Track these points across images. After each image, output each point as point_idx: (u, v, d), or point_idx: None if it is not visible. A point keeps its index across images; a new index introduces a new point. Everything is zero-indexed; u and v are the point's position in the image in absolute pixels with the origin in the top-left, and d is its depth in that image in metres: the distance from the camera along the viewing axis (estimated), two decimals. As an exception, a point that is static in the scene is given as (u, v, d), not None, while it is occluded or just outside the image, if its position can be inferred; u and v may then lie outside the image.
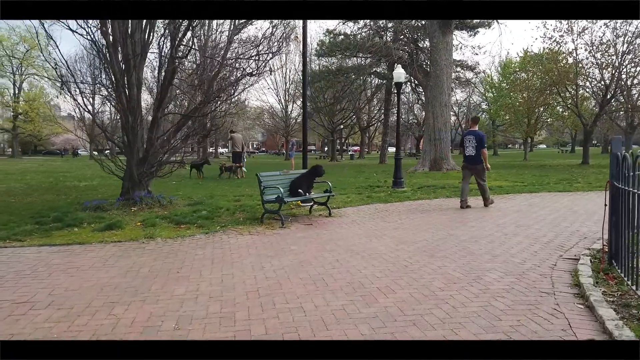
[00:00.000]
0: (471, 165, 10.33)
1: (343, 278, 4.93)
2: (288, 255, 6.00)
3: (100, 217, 8.54)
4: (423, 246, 6.47)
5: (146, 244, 6.68)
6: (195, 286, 4.68)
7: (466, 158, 10.40)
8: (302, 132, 10.88)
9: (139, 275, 5.06)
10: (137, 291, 4.52)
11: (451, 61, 23.90)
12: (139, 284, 4.75)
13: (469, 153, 10.27)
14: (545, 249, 6.29)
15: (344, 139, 65.69)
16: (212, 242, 6.79)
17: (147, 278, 4.96)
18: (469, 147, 10.26)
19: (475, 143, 10.14)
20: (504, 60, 48.14)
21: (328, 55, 34.53)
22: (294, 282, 4.79)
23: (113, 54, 9.28)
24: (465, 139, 10.39)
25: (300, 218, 9.01)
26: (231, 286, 4.67)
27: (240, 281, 4.84)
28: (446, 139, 23.68)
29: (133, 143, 9.71)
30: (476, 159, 10.18)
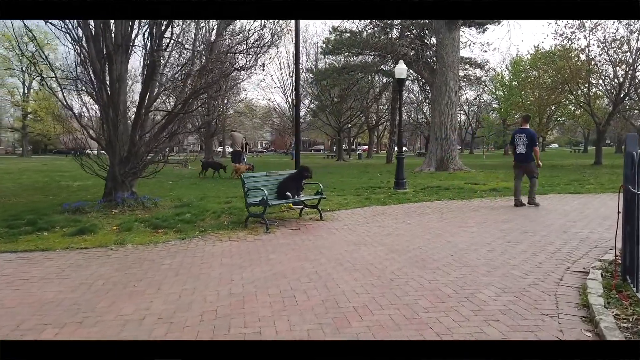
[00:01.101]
0: (522, 163, 10.27)
1: (317, 295, 4.35)
2: (264, 265, 5.43)
3: (76, 221, 8.03)
4: (415, 255, 5.86)
5: (114, 251, 6.14)
6: (147, 304, 4.12)
7: (517, 156, 10.35)
8: (295, 132, 10.30)
9: (91, 290, 4.51)
10: (80, 310, 3.97)
11: (458, 58, 23.18)
12: (85, 301, 4.20)
13: (520, 151, 10.22)
14: (551, 259, 5.65)
15: (352, 139, 65.02)
16: (185, 250, 6.23)
17: (97, 293, 4.42)
18: (520, 145, 10.21)
19: (526, 141, 10.11)
20: (514, 58, 47.13)
21: (334, 53, 33.92)
22: (260, 300, 4.21)
23: (93, 47, 8.78)
24: (516, 137, 10.34)
25: (288, 222, 8.44)
26: (187, 305, 4.11)
27: (199, 298, 4.27)
28: (453, 138, 22.96)
29: (115, 141, 9.20)
30: (527, 156, 10.16)
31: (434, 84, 22.95)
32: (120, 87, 9.07)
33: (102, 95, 9.03)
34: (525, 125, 10.43)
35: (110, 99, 8.91)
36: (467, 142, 76.21)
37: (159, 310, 3.96)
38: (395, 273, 5.06)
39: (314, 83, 40.04)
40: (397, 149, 14.57)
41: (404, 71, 14.00)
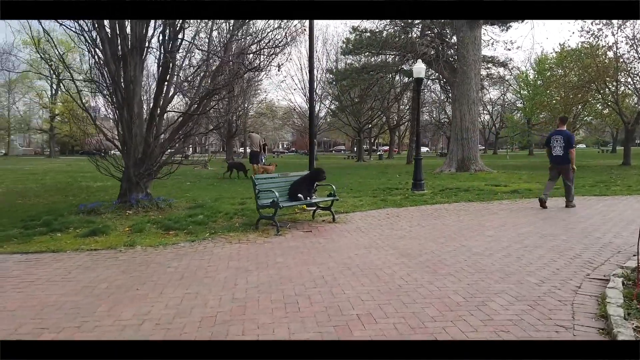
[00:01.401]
0: (558, 165, 10.21)
1: (321, 301, 4.22)
2: (270, 269, 5.32)
3: (90, 222, 8.07)
4: (427, 260, 5.68)
5: (122, 253, 6.12)
6: (147, 308, 4.06)
7: (553, 158, 10.30)
8: (309, 133, 10.18)
9: (93, 293, 4.48)
10: (79, 314, 3.93)
11: (479, 56, 22.73)
12: (86, 304, 4.16)
13: (557, 153, 10.17)
14: (570, 265, 5.40)
15: (373, 139, 64.68)
16: (194, 252, 6.18)
17: (99, 297, 4.37)
18: (556, 147, 10.17)
19: (563, 143, 10.07)
20: (538, 57, 46.10)
21: (354, 53, 33.69)
22: (263, 306, 4.10)
23: (108, 49, 8.83)
24: (553, 138, 10.29)
25: (300, 224, 8.33)
26: (188, 310, 4.03)
27: (201, 303, 4.19)
28: (474, 138, 22.50)
29: (129, 142, 9.24)
30: (564, 158, 10.08)
31: (454, 83, 22.55)
32: (134, 89, 9.09)
33: (117, 96, 9.07)
34: (562, 127, 10.35)
35: (124, 101, 8.94)
36: (491, 143, 74.96)
37: (159, 316, 3.88)
38: (404, 279, 4.89)
39: (334, 83, 39.90)
40: (415, 150, 14.33)
41: (422, 70, 13.77)
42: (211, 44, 9.99)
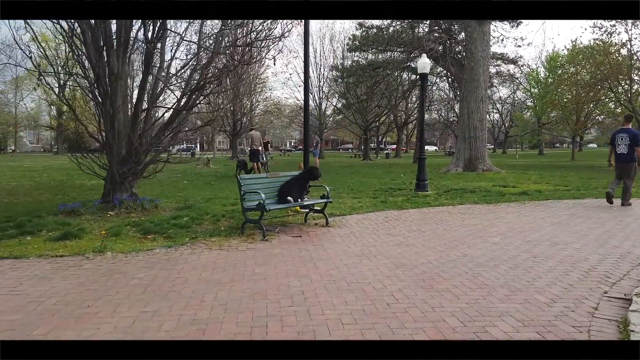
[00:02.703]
0: (622, 163, 10.21)
1: (295, 324, 3.64)
2: (246, 281, 4.75)
3: (65, 224, 7.54)
4: (423, 272, 5.08)
5: (89, 261, 5.58)
6: (92, 331, 3.50)
7: (618, 156, 10.31)
8: (304, 130, 9.61)
9: (37, 311, 3.92)
10: (12, 337, 3.38)
11: (488, 53, 21.98)
12: (24, 325, 3.60)
13: (621, 151, 10.20)
14: (585, 280, 4.78)
15: (380, 137, 63.92)
16: (167, 260, 5.62)
17: (42, 315, 3.82)
18: (621, 145, 10.20)
19: (628, 141, 10.08)
20: (550, 54, 45.06)
21: (360, 49, 32.98)
22: (225, 330, 3.53)
23: (90, 40, 8.30)
24: (617, 136, 10.33)
25: (291, 228, 7.74)
26: (138, 333, 3.46)
27: (155, 325, 3.62)
28: (482, 137, 21.77)
29: (112, 139, 8.70)
30: (628, 157, 10.10)
31: (462, 80, 21.83)
32: (117, 83, 8.55)
33: (99, 90, 8.55)
34: (628, 125, 10.39)
35: (106, 95, 8.41)
36: (501, 142, 73.88)
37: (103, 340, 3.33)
38: (395, 295, 4.29)
39: (340, 81, 39.25)
40: (419, 149, 13.69)
41: (427, 65, 13.12)
42: (201, 36, 9.40)
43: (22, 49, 8.30)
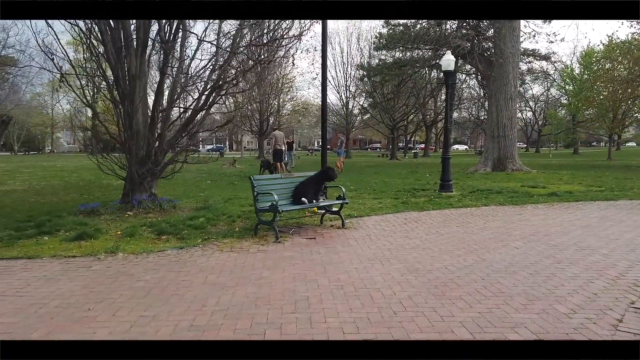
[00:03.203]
0: None
1: (294, 332, 3.49)
2: (251, 286, 4.63)
3: (83, 224, 7.61)
4: (436, 278, 4.86)
5: (99, 262, 5.57)
6: (87, 336, 3.43)
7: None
8: (322, 130, 9.46)
9: (38, 313, 3.90)
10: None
11: (518, 49, 21.29)
12: (21, 328, 3.58)
13: None
14: (611, 289, 4.47)
15: (408, 136, 63.16)
16: (176, 262, 5.56)
17: (42, 317, 3.79)
18: None
19: None
20: (585, 50, 43.51)
21: (386, 48, 32.60)
22: (221, 338, 3.41)
23: (109, 41, 8.36)
24: None
25: (306, 229, 7.60)
26: (133, 339, 3.38)
27: (152, 330, 3.53)
28: (512, 136, 21.11)
29: (131, 140, 8.75)
30: None
31: (490, 77, 21.24)
32: (136, 83, 8.59)
33: (118, 91, 8.61)
34: None
35: (125, 96, 8.45)
36: (534, 141, 71.98)
37: (94, 347, 3.26)
38: (403, 303, 4.10)
39: (366, 80, 38.92)
40: (443, 149, 13.36)
41: (452, 62, 12.77)
42: (219, 36, 9.37)
43: (44, 50, 8.40)
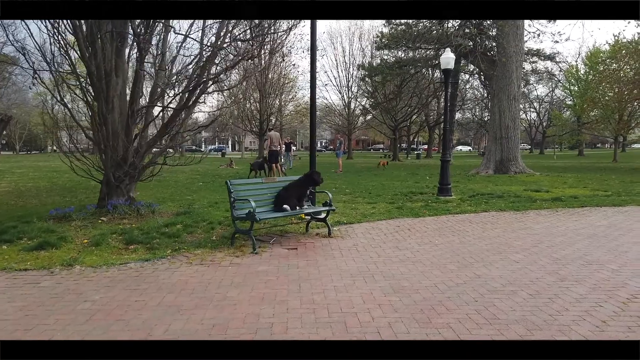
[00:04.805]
0: None
1: (245, 372, 2.94)
2: (211, 309, 4.06)
3: (50, 231, 7.06)
4: (424, 299, 4.28)
5: (51, 276, 5.02)
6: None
7: None
8: (310, 130, 8.91)
9: (-46, 343, 3.36)
10: None
11: (522, 48, 20.67)
12: None
13: None
14: (622, 314, 3.89)
15: (411, 137, 62.52)
16: (135, 278, 4.99)
17: (-45, 350, 3.25)
18: None
19: None
20: (590, 50, 42.77)
21: (388, 47, 32.01)
22: (156, 379, 2.87)
23: (80, 34, 7.82)
24: None
25: (289, 238, 7.03)
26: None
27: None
28: (515, 137, 20.48)
29: (107, 140, 8.22)
30: None
31: (493, 77, 20.65)
32: (111, 80, 8.05)
33: (94, 88, 8.08)
34: None
35: (99, 94, 7.92)
36: (538, 142, 71.14)
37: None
38: (381, 332, 3.53)
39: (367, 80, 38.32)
40: (442, 151, 12.78)
41: (451, 60, 12.18)
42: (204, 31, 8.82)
43: (16, 46, 7.89)
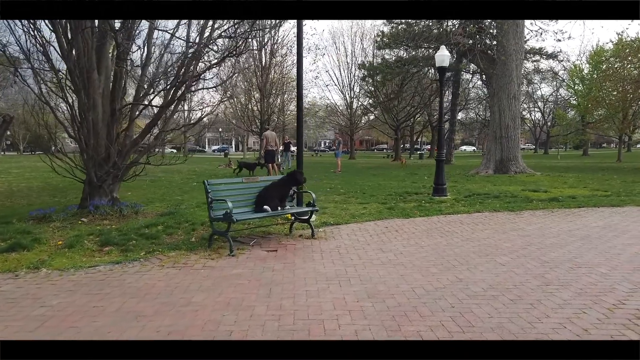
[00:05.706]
0: None
1: (189, 386, 2.73)
2: (171, 315, 3.85)
3: (26, 232, 6.87)
4: (399, 304, 4.05)
5: (14, 280, 4.83)
6: None
7: None
8: (297, 130, 8.68)
9: None
10: None
11: (522, 46, 20.36)
12: None
13: None
14: (607, 321, 3.65)
15: (414, 137, 62.21)
16: (100, 281, 4.79)
17: None
18: None
19: None
20: (594, 49, 42.31)
21: (389, 47, 31.73)
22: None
23: (59, 29, 7.63)
24: None
25: (271, 239, 6.82)
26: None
27: (9, 381, 2.80)
28: (515, 136, 20.16)
29: (88, 139, 8.04)
30: None
31: (493, 75, 20.35)
32: (91, 77, 7.86)
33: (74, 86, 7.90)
34: None
35: (78, 91, 7.74)
36: (542, 142, 70.64)
37: None
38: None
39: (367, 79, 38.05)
40: (437, 150, 12.54)
41: (446, 58, 11.94)
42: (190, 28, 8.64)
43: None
